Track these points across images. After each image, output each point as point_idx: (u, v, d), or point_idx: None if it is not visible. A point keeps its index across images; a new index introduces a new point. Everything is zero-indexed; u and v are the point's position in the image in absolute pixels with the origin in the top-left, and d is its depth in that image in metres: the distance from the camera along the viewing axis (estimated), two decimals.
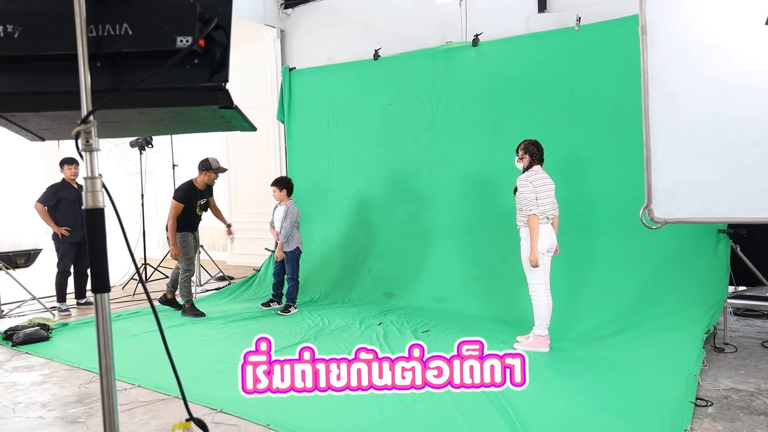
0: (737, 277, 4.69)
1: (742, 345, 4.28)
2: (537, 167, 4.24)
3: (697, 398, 3.20)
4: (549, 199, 4.19)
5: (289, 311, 5.71)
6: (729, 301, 4.40)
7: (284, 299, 5.89)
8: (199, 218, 5.94)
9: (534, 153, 4.24)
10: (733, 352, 4.11)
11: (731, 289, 4.65)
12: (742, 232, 4.49)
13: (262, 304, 5.96)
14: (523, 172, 4.24)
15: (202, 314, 5.67)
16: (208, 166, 5.74)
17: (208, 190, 5.93)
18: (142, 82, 1.48)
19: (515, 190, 4.28)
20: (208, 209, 6.04)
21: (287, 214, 5.72)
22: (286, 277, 5.88)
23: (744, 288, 4.80)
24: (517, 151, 4.32)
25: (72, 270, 6.30)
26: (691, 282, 4.51)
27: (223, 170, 5.89)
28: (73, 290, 6.47)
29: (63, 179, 6.21)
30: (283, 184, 5.83)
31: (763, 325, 4.83)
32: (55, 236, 6.15)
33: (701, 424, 2.92)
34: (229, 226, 6.46)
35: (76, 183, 6.23)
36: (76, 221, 6.14)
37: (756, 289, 4.73)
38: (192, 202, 5.70)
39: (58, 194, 6.10)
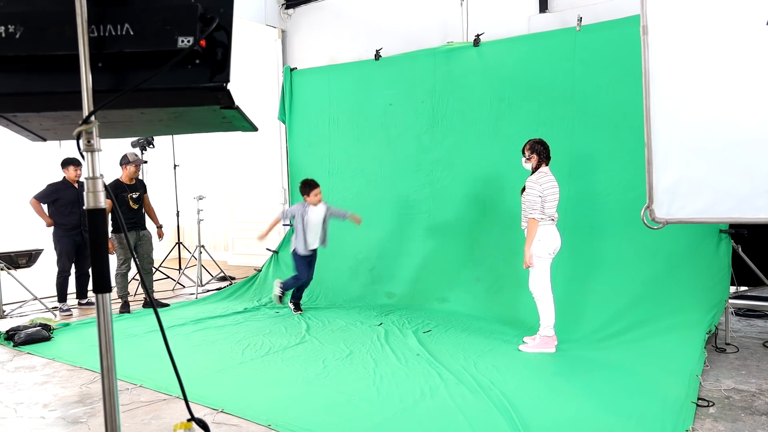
0: (739, 277, 4.68)
1: (743, 345, 4.28)
2: (545, 168, 4.23)
3: (698, 398, 3.20)
4: (555, 202, 4.18)
5: (281, 300, 5.77)
6: (730, 301, 4.40)
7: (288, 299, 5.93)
8: (136, 213, 6.01)
9: (541, 152, 4.23)
10: (735, 353, 4.10)
11: (732, 289, 4.65)
12: (744, 233, 4.49)
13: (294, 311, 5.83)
14: (533, 173, 4.23)
15: (127, 311, 5.96)
16: (126, 161, 5.98)
17: (140, 186, 6.14)
18: (143, 83, 1.48)
19: (523, 190, 4.26)
20: (143, 204, 6.16)
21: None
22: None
23: (745, 288, 4.80)
24: (523, 152, 4.30)
25: (73, 270, 6.31)
26: (692, 282, 4.50)
27: (141, 161, 6.13)
28: (75, 290, 6.49)
29: (63, 179, 6.21)
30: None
31: (765, 326, 4.83)
32: (53, 235, 6.15)
33: (703, 424, 2.92)
34: (159, 227, 6.52)
35: (77, 183, 6.24)
36: (75, 221, 6.15)
37: (757, 290, 4.73)
38: (121, 196, 5.88)
39: (57, 193, 6.10)
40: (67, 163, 6.20)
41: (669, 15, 3.81)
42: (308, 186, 5.59)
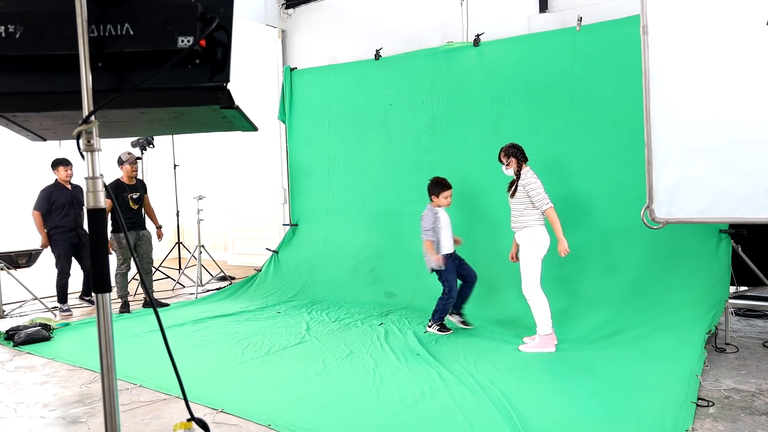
0: (738, 277, 4.69)
1: (743, 345, 4.27)
2: (527, 168, 4.24)
3: (698, 398, 3.20)
4: None
5: (430, 329, 4.80)
6: (730, 301, 4.40)
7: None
8: (135, 213, 6.02)
9: (518, 155, 4.25)
10: (735, 353, 4.10)
11: (732, 289, 4.65)
12: (744, 233, 4.49)
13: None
14: (517, 176, 4.22)
15: (127, 311, 5.96)
16: (120, 161, 6.02)
17: (140, 186, 6.16)
18: (143, 82, 1.48)
19: (513, 193, 4.25)
20: (143, 205, 6.18)
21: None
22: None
23: (745, 288, 4.80)
24: (500, 160, 4.32)
25: (73, 270, 6.30)
26: (692, 282, 4.50)
27: (135, 158, 6.10)
28: (81, 289, 6.50)
29: (56, 181, 6.18)
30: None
31: (765, 326, 4.82)
32: (50, 237, 6.12)
33: (702, 424, 2.92)
34: (159, 227, 6.53)
35: (70, 184, 6.23)
36: (70, 222, 6.13)
37: (757, 290, 4.73)
38: (121, 196, 5.89)
39: (51, 197, 6.07)
40: (57, 164, 6.17)
41: (669, 15, 3.81)
42: (439, 186, 4.83)
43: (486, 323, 5.02)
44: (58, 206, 6.08)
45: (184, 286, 7.63)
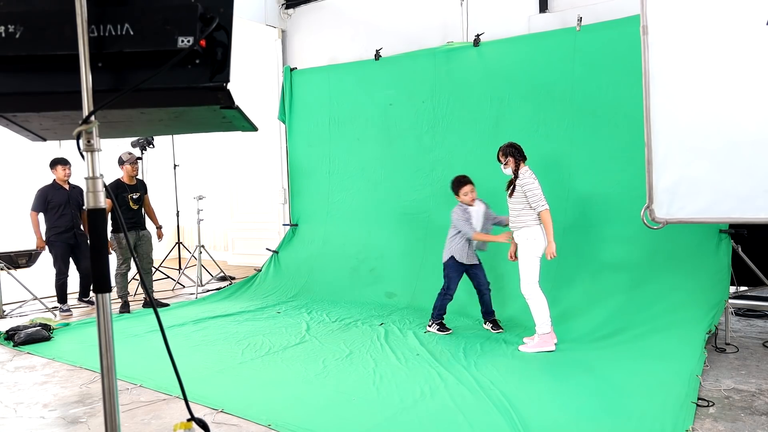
0: (738, 277, 4.69)
1: (743, 345, 4.27)
2: (525, 167, 4.24)
3: (698, 398, 3.20)
4: None
5: (430, 328, 4.83)
6: (730, 301, 4.40)
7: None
8: (135, 214, 6.02)
9: (515, 154, 4.25)
10: (735, 353, 4.10)
11: (732, 289, 4.65)
12: (744, 233, 4.49)
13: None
14: (515, 176, 4.23)
15: (127, 311, 5.96)
16: (121, 161, 6.02)
17: (141, 186, 6.15)
18: (143, 83, 1.48)
19: (511, 192, 4.25)
20: (143, 205, 6.18)
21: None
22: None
23: (745, 288, 4.80)
24: (498, 159, 4.33)
25: (71, 271, 6.30)
26: (692, 282, 4.50)
27: (135, 158, 6.08)
28: (78, 290, 6.49)
29: (54, 181, 6.17)
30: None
31: (765, 326, 4.82)
32: (48, 238, 6.12)
33: (702, 424, 2.92)
34: (159, 228, 6.52)
35: (68, 184, 6.22)
36: (67, 223, 6.13)
37: (757, 290, 4.73)
38: (121, 196, 5.89)
39: (47, 197, 6.07)
40: (55, 163, 6.17)
41: (669, 15, 3.81)
42: (456, 184, 4.74)
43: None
44: (53, 206, 6.07)
45: (184, 286, 7.63)
